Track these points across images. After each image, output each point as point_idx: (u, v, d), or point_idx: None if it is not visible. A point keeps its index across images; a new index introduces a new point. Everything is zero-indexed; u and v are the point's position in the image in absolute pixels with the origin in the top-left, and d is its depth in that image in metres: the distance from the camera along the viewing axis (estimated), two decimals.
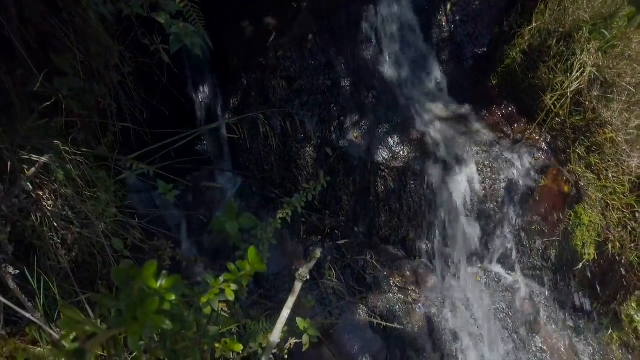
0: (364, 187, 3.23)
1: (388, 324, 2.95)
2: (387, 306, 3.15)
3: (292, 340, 1.84)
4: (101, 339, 0.73)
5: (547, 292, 3.30)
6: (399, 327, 3.12)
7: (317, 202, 3.34)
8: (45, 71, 1.83)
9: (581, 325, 3.38)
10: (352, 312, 3.15)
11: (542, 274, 3.27)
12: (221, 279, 1.16)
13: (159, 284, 0.87)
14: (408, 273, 3.26)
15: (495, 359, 3.05)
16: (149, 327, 0.77)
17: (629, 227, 2.96)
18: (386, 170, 3.15)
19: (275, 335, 1.46)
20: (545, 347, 3.12)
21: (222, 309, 1.65)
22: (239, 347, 1.39)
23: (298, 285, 1.53)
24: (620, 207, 2.93)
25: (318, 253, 1.65)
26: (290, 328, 1.85)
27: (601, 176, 2.93)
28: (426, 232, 3.21)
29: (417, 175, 3.13)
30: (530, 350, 3.10)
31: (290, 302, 1.49)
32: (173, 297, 0.88)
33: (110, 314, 0.81)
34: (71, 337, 0.76)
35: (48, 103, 1.87)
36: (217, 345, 1.34)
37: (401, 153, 3.16)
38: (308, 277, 1.58)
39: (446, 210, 3.13)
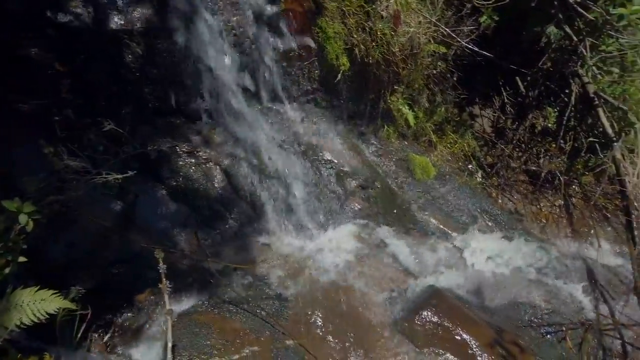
0: (111, 61, 3.00)
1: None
2: (182, 174, 3.22)
3: (17, 226, 1.77)
4: None
5: (324, 111, 3.66)
6: (200, 188, 3.24)
7: (69, 94, 3.04)
8: None
9: (361, 129, 3.90)
10: (148, 192, 3.15)
11: (314, 96, 3.59)
12: None
13: None
14: (193, 136, 3.29)
15: (294, 185, 3.40)
16: None
17: (366, 28, 3.31)
18: (126, 36, 2.94)
19: None
20: (332, 158, 3.57)
21: None
22: None
23: None
24: (354, 11, 3.23)
25: None
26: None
27: None
28: (195, 90, 3.20)
29: (161, 32, 2.99)
30: (320, 165, 3.51)
31: None
32: None
33: None
34: None
35: None
36: None
37: (135, 14, 2.95)
38: None
39: (204, 61, 3.10)
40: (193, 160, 3.25)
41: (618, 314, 3.54)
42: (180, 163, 3.22)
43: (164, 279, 2.12)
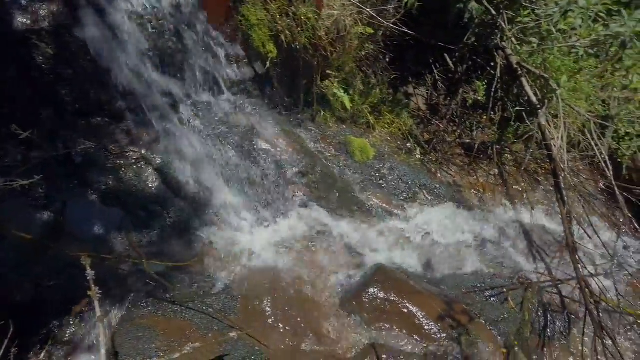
0: (21, 64, 2.83)
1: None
2: (112, 176, 3.11)
3: None
4: None
5: (256, 100, 3.63)
6: (133, 190, 3.14)
7: None
8: None
9: (298, 116, 3.90)
10: (77, 199, 3.03)
11: (245, 86, 3.54)
12: None
13: None
14: (120, 136, 3.18)
15: (231, 178, 3.36)
16: None
17: (290, 14, 3.29)
18: (34, 36, 2.79)
19: None
20: (269, 147, 3.55)
21: None
22: None
23: None
24: None
25: None
26: None
27: None
28: (117, 89, 3.08)
29: (73, 30, 2.85)
30: (258, 155, 3.49)
31: None
32: None
33: None
34: None
35: None
36: None
37: (42, 12, 2.79)
38: None
39: (123, 58, 2.99)
40: (122, 162, 3.14)
41: (554, 270, 3.75)
42: (109, 165, 3.11)
43: (93, 286, 2.04)
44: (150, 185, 3.19)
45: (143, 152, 3.19)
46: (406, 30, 4.08)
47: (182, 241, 3.21)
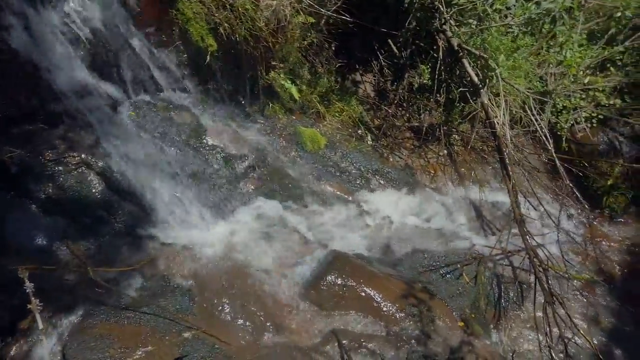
0: None
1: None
2: (51, 184, 2.99)
3: None
4: None
5: (200, 95, 3.57)
6: (75, 197, 3.03)
7: None
8: None
9: (246, 110, 3.87)
10: (15, 211, 2.90)
11: (187, 81, 3.47)
12: None
13: None
14: (57, 141, 3.05)
15: (180, 176, 3.30)
16: None
17: (227, 6, 3.24)
18: None
19: None
20: (217, 142, 3.51)
21: None
22: None
23: None
24: None
25: None
26: None
27: None
28: (49, 92, 2.95)
29: (5, 30, 2.71)
30: (206, 151, 3.44)
31: None
32: None
33: None
34: None
35: None
36: None
37: None
38: None
39: (53, 59, 2.87)
40: (61, 168, 3.02)
41: (505, 243, 3.91)
42: (47, 173, 2.98)
43: (33, 298, 1.97)
44: (93, 191, 3.09)
45: (83, 156, 3.08)
46: (348, 18, 4.12)
47: (132, 245, 3.13)
